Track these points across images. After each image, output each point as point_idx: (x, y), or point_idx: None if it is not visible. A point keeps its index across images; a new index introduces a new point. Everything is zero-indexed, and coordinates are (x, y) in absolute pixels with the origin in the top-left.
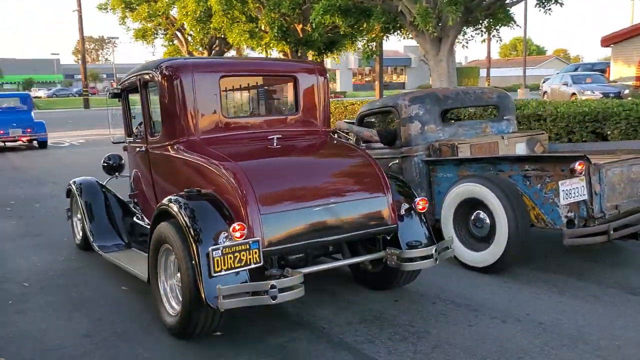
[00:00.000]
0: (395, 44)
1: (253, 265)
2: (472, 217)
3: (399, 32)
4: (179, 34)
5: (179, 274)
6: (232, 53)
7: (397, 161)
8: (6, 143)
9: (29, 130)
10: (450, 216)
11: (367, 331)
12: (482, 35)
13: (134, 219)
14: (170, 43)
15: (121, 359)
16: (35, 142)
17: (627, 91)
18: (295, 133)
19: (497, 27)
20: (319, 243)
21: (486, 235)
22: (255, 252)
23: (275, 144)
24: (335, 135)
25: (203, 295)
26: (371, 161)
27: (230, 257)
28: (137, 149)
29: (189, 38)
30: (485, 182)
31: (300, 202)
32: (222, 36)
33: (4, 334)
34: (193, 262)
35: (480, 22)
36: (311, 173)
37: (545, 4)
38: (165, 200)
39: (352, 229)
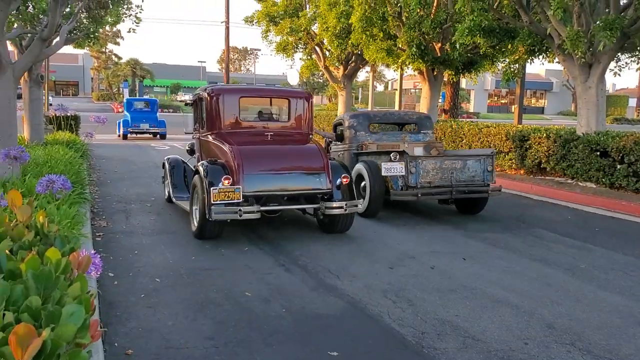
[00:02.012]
0: (537, 66)
1: (236, 201)
2: (362, 185)
3: (544, 55)
4: (317, 48)
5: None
6: (366, 69)
7: (342, 152)
8: (137, 134)
9: (153, 125)
10: (353, 183)
11: None
12: (638, 63)
13: None
14: (309, 57)
15: None
16: (158, 136)
17: None
18: (285, 133)
19: None
20: (278, 194)
21: (365, 196)
22: (238, 194)
23: (268, 138)
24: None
25: (207, 213)
26: (322, 153)
27: (223, 194)
28: (195, 137)
29: (327, 53)
30: (363, 164)
31: (270, 170)
32: (359, 52)
33: (135, 326)
34: (204, 195)
35: (639, 49)
36: (283, 155)
37: None
38: (198, 164)
39: (301, 189)
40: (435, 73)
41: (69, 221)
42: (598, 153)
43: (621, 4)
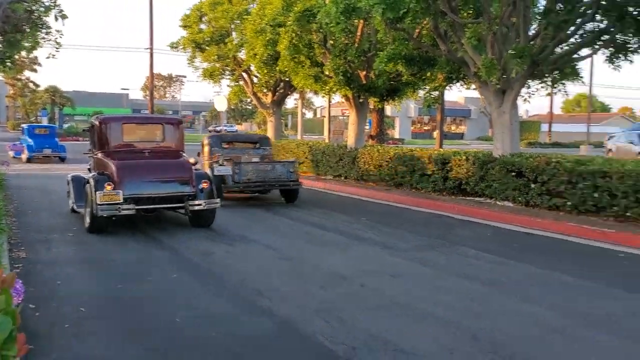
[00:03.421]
0: (456, 94)
1: (117, 202)
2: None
3: (462, 82)
4: (245, 75)
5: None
6: (295, 96)
7: (204, 162)
8: (39, 157)
9: (55, 150)
10: (214, 187)
11: None
12: (546, 89)
13: None
14: (236, 83)
15: None
16: (58, 158)
17: None
18: (159, 150)
19: (563, 82)
20: (152, 197)
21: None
22: (118, 196)
23: (146, 154)
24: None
25: (95, 211)
26: (188, 165)
27: (107, 197)
28: (90, 156)
29: (255, 79)
30: (210, 168)
31: (145, 178)
32: (287, 79)
33: (58, 357)
34: (92, 198)
35: (546, 75)
36: (156, 167)
37: (615, 60)
38: (90, 176)
39: (170, 193)
40: (361, 100)
41: None
42: (514, 174)
43: (530, 34)
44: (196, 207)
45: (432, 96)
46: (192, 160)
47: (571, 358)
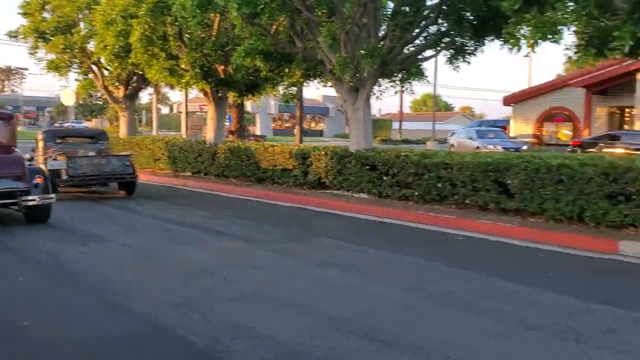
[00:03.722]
0: (314, 92)
1: None
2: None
3: (319, 79)
4: (94, 67)
5: None
6: (150, 90)
7: (39, 157)
8: None
9: None
10: (49, 182)
11: None
12: (395, 88)
13: None
14: (85, 77)
15: None
16: None
17: (525, 147)
18: None
19: (410, 81)
20: None
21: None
22: None
23: None
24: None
25: None
26: (21, 161)
27: None
28: None
29: (105, 72)
30: (45, 163)
31: None
32: (141, 72)
33: None
34: None
35: (395, 75)
36: None
37: (455, 61)
38: None
39: (1, 188)
40: (220, 95)
41: None
42: (368, 167)
43: (380, 34)
44: (30, 203)
45: (291, 92)
46: (26, 156)
47: (417, 330)
